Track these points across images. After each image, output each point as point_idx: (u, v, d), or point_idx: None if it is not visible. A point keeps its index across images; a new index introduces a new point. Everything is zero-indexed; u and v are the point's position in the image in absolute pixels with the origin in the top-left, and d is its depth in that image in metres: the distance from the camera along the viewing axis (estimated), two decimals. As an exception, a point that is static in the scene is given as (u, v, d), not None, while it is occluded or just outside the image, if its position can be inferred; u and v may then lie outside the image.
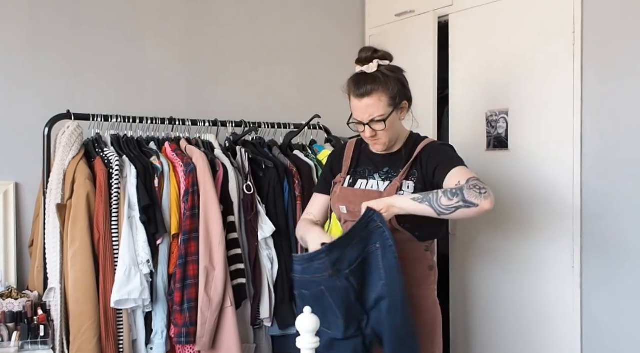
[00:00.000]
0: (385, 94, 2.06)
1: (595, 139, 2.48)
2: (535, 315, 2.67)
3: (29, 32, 2.81)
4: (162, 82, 3.09)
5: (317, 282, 1.97)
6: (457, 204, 1.93)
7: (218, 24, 3.25)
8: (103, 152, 2.49)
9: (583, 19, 2.50)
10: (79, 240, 2.33)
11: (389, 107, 2.07)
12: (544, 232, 2.64)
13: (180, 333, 2.40)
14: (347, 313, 1.96)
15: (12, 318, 2.31)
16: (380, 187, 2.14)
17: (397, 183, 2.11)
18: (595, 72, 2.47)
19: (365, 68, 2.09)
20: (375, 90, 2.06)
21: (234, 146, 2.77)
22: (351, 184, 2.20)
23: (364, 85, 2.06)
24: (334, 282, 1.95)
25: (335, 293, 1.96)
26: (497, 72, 2.84)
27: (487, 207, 1.92)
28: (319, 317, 1.60)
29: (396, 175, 2.14)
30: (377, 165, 2.19)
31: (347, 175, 2.23)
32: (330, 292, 1.96)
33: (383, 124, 2.08)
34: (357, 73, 2.11)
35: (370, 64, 2.09)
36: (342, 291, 1.95)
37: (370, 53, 2.11)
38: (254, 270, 2.62)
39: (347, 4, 3.60)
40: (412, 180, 2.12)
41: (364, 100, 2.06)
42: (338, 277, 1.95)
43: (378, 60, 2.09)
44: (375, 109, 2.06)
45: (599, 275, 2.48)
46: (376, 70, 2.08)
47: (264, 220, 2.61)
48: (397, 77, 2.11)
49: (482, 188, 1.93)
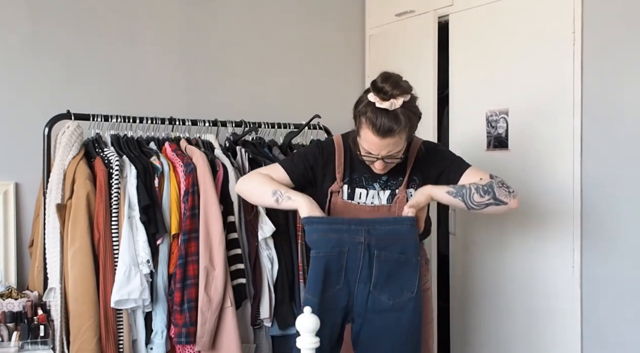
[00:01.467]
0: (405, 133, 2.00)
1: (595, 139, 2.48)
2: (535, 314, 2.67)
3: (29, 32, 2.82)
4: (162, 82, 3.09)
5: (343, 242, 1.98)
6: (487, 201, 2.04)
7: (218, 24, 3.25)
8: (103, 152, 2.49)
9: (583, 19, 2.50)
10: (79, 240, 2.33)
11: (405, 141, 2.06)
12: (544, 232, 2.64)
13: (180, 333, 2.40)
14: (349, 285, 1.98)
15: (12, 318, 2.31)
16: (382, 197, 2.15)
17: (403, 195, 2.12)
18: (595, 72, 2.47)
19: (387, 105, 1.94)
20: (398, 131, 1.97)
21: (234, 146, 2.77)
22: (350, 195, 2.17)
23: (386, 124, 1.95)
24: (361, 250, 1.97)
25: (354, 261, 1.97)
26: (497, 72, 2.84)
27: (514, 206, 2.06)
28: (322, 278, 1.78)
29: (395, 183, 2.15)
30: (374, 172, 2.15)
31: (344, 184, 2.17)
32: (350, 256, 1.97)
33: (399, 159, 2.08)
34: (377, 107, 1.96)
35: (394, 101, 1.94)
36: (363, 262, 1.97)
37: (392, 88, 1.96)
38: (254, 270, 2.62)
39: (347, 4, 3.60)
40: (413, 187, 2.14)
41: (386, 139, 1.98)
42: (368, 250, 1.97)
43: (402, 98, 1.96)
44: (394, 146, 2.02)
45: (599, 275, 2.48)
46: (400, 106, 1.96)
47: (264, 220, 2.60)
48: (417, 113, 2.04)
49: (510, 188, 2.05)
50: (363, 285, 2.00)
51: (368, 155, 2.05)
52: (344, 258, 1.98)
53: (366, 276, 1.99)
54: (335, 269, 1.99)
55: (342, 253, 1.98)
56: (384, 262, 1.99)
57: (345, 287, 2.01)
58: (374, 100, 1.97)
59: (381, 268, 1.99)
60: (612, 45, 2.43)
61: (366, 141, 2.02)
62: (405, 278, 2.00)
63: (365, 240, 1.99)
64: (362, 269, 1.99)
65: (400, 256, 2.00)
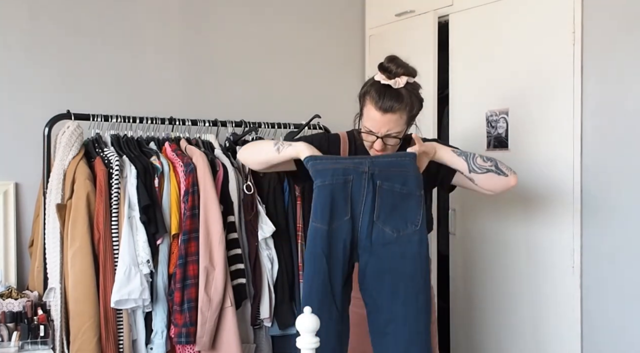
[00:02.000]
0: (406, 113, 2.06)
1: (595, 139, 2.48)
2: (535, 314, 2.68)
3: (29, 32, 2.81)
4: (162, 82, 3.09)
5: (347, 170, 1.98)
6: (489, 167, 2.10)
7: (218, 24, 3.25)
8: (103, 152, 2.49)
9: (583, 19, 2.50)
10: (79, 240, 2.33)
11: (405, 124, 2.09)
12: (544, 232, 2.64)
13: (180, 333, 2.40)
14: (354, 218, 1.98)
15: (12, 318, 2.31)
16: None
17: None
18: (595, 72, 2.47)
19: (392, 82, 2.03)
20: (399, 109, 2.03)
21: (234, 146, 2.77)
22: None
23: (389, 101, 2.02)
24: (365, 179, 1.97)
25: (359, 191, 1.97)
26: (497, 72, 2.84)
27: (513, 182, 2.11)
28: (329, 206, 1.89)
29: None
30: None
31: None
32: (354, 185, 1.97)
33: (398, 140, 2.09)
34: (381, 84, 2.04)
35: (398, 80, 2.03)
36: (367, 191, 1.97)
37: (397, 68, 2.04)
38: (254, 270, 2.62)
39: (347, 4, 3.60)
40: None
41: (387, 115, 2.03)
42: (372, 180, 1.97)
43: (406, 78, 2.04)
44: (394, 125, 2.05)
45: (599, 275, 2.48)
46: (402, 86, 2.04)
47: (264, 220, 2.61)
48: (419, 97, 2.10)
49: (510, 168, 2.13)
50: (367, 216, 1.98)
51: (369, 133, 2.08)
52: (349, 188, 1.97)
53: (370, 207, 1.97)
54: (341, 198, 1.98)
55: (347, 182, 1.97)
56: (387, 193, 1.98)
57: (351, 221, 1.98)
58: (379, 78, 2.05)
59: (384, 199, 1.97)
60: (612, 45, 2.43)
61: (368, 119, 2.07)
62: (409, 211, 1.99)
63: (369, 169, 1.98)
64: (366, 200, 1.97)
65: (403, 188, 1.98)
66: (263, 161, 2.19)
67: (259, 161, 2.22)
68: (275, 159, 2.16)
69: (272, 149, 2.15)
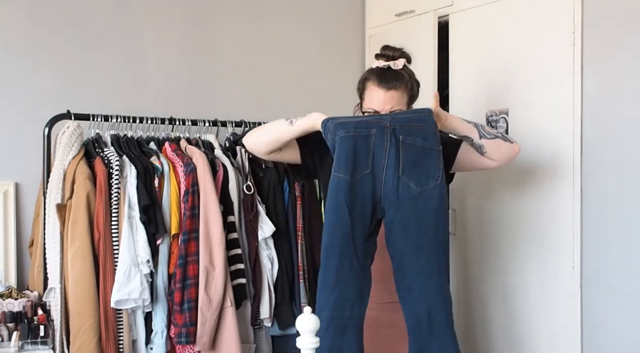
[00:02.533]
0: (407, 92, 2.15)
1: (595, 139, 2.48)
2: (536, 314, 2.67)
3: (29, 32, 2.81)
4: (162, 82, 3.09)
5: (370, 124, 1.99)
6: (496, 134, 2.20)
7: (218, 24, 3.25)
8: (103, 152, 2.49)
9: (583, 19, 2.50)
10: (79, 240, 2.33)
11: (406, 105, 2.16)
12: (544, 232, 2.64)
13: (180, 333, 2.40)
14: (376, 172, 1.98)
15: (12, 318, 2.31)
16: None
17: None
18: (595, 72, 2.47)
19: (391, 64, 2.14)
20: (401, 87, 2.14)
21: (234, 146, 2.77)
22: None
23: (391, 79, 2.12)
24: (387, 134, 1.97)
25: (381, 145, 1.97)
26: (497, 72, 2.84)
27: (517, 149, 2.22)
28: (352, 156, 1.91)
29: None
30: None
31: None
32: (377, 139, 1.97)
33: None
34: (381, 67, 2.15)
35: (397, 61, 2.15)
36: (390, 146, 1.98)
37: (394, 52, 2.18)
38: (254, 270, 2.62)
39: (347, 4, 3.60)
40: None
41: (390, 92, 2.11)
42: (394, 135, 1.98)
43: (404, 60, 2.17)
44: (397, 102, 2.12)
45: (599, 275, 2.48)
46: (401, 68, 2.15)
47: (264, 220, 2.61)
48: (417, 80, 2.21)
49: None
50: (392, 170, 1.97)
51: (374, 114, 2.13)
52: (372, 141, 1.97)
53: (394, 161, 1.97)
54: (363, 151, 1.97)
55: (370, 135, 1.97)
56: (410, 148, 1.98)
57: (371, 175, 1.98)
58: (377, 64, 2.16)
59: (407, 154, 1.98)
60: (612, 45, 2.43)
61: (371, 100, 2.14)
62: (430, 166, 2.00)
63: (390, 125, 1.98)
64: (389, 154, 1.97)
65: (424, 142, 2.00)
66: (273, 139, 2.18)
67: (268, 141, 2.19)
68: (287, 134, 2.16)
69: (283, 123, 2.16)
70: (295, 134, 2.15)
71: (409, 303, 2.02)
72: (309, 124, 2.12)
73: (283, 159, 2.29)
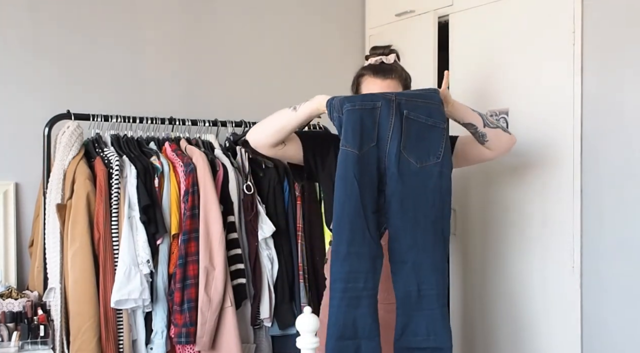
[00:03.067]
0: (402, 81, 2.22)
1: (595, 139, 2.48)
2: (535, 314, 2.67)
3: (29, 32, 2.81)
4: (162, 82, 3.09)
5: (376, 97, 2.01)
6: (497, 123, 2.26)
7: (218, 24, 3.25)
8: (103, 152, 2.49)
9: (583, 19, 2.50)
10: (79, 240, 2.33)
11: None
12: (544, 232, 2.63)
13: (180, 333, 2.40)
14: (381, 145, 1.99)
15: (12, 318, 2.31)
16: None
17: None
18: (595, 72, 2.47)
19: (384, 58, 2.22)
20: (396, 77, 2.20)
21: (234, 146, 2.77)
22: None
23: (387, 71, 2.19)
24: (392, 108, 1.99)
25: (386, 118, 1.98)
26: (497, 72, 2.84)
27: (515, 140, 2.28)
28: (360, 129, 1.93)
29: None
30: None
31: None
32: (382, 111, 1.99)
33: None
34: (373, 63, 2.23)
35: (388, 56, 2.22)
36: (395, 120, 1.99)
37: (384, 48, 2.26)
38: (254, 270, 2.62)
39: (347, 4, 3.60)
40: None
41: (387, 80, 2.17)
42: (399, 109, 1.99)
43: (394, 55, 2.24)
44: (394, 90, 2.14)
45: (599, 275, 2.47)
46: (393, 62, 2.23)
47: (264, 220, 2.61)
48: (408, 73, 2.28)
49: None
50: (395, 144, 1.99)
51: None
52: (377, 114, 1.99)
53: (397, 136, 1.99)
54: (369, 123, 1.99)
55: (376, 108, 1.99)
56: (413, 123, 2.00)
57: (376, 148, 2.00)
58: (368, 63, 2.25)
59: (410, 129, 2.00)
60: (612, 45, 2.43)
61: (369, 89, 2.19)
62: (432, 143, 2.01)
63: (396, 99, 2.00)
64: (393, 128, 1.98)
65: (428, 119, 2.01)
66: (278, 128, 2.17)
67: (272, 131, 2.18)
68: (292, 122, 2.16)
69: (287, 111, 2.18)
70: (299, 120, 2.15)
71: (400, 275, 2.03)
72: (313, 107, 2.13)
73: (286, 155, 2.28)
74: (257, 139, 2.23)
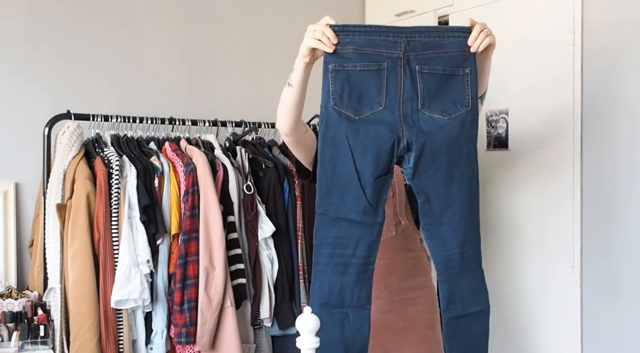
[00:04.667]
0: None
1: (595, 139, 2.48)
2: (535, 314, 2.67)
3: (29, 31, 2.81)
4: (162, 82, 3.09)
5: (381, 57, 1.81)
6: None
7: (218, 24, 3.25)
8: (103, 152, 2.49)
9: (583, 19, 2.50)
10: (79, 240, 2.33)
11: None
12: (544, 233, 2.64)
13: (180, 333, 2.40)
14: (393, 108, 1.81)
15: (12, 318, 2.31)
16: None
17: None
18: (595, 72, 2.47)
19: None
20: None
21: (234, 146, 2.77)
22: None
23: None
24: (400, 66, 1.81)
25: (395, 79, 1.81)
26: (497, 72, 2.83)
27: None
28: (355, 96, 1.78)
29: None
30: None
31: None
32: (389, 73, 1.81)
33: None
34: None
35: None
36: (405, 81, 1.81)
37: None
38: (254, 270, 2.62)
39: (347, 4, 3.60)
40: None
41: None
42: (408, 65, 1.80)
43: None
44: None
45: (599, 276, 2.48)
46: None
47: (264, 220, 2.61)
48: None
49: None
50: (410, 103, 1.81)
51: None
52: (384, 75, 1.81)
53: (411, 93, 1.81)
54: (373, 86, 1.82)
55: (381, 70, 1.82)
56: (428, 77, 1.82)
57: (389, 110, 1.81)
58: None
59: (426, 83, 1.82)
60: (612, 45, 2.43)
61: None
62: (457, 92, 1.84)
63: (404, 55, 1.81)
64: (404, 87, 1.81)
65: (446, 68, 1.83)
66: (286, 108, 2.03)
67: (283, 113, 2.03)
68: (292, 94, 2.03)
69: (285, 88, 2.04)
70: (297, 87, 2.00)
71: (437, 238, 1.86)
72: (304, 51, 2.00)
73: (300, 146, 2.10)
74: (279, 125, 2.07)
